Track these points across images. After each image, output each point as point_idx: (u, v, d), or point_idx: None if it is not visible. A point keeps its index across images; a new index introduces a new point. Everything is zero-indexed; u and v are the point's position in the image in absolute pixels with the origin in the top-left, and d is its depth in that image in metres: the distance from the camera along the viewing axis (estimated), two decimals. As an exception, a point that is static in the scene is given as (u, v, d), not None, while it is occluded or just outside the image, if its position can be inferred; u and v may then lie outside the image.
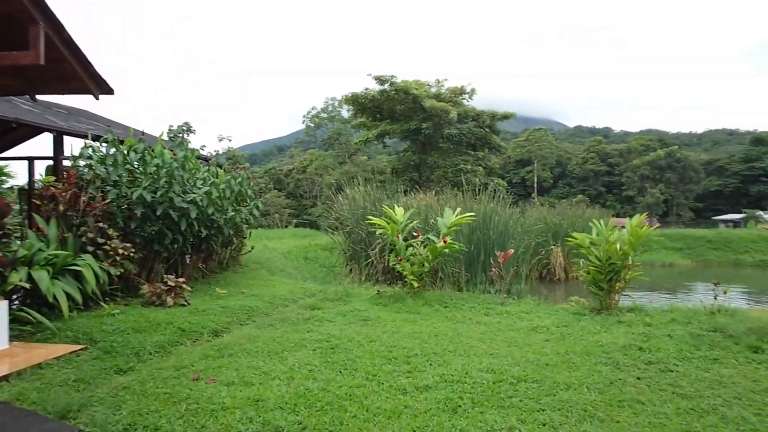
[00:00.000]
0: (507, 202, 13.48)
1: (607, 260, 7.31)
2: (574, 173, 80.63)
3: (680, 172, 66.40)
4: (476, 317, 7.06)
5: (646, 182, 66.64)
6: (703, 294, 16.91)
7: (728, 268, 24.68)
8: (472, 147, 30.46)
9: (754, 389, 4.17)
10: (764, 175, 70.26)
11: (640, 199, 65.44)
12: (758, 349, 5.25)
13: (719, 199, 71.92)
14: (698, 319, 6.51)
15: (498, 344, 5.59)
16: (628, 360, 4.94)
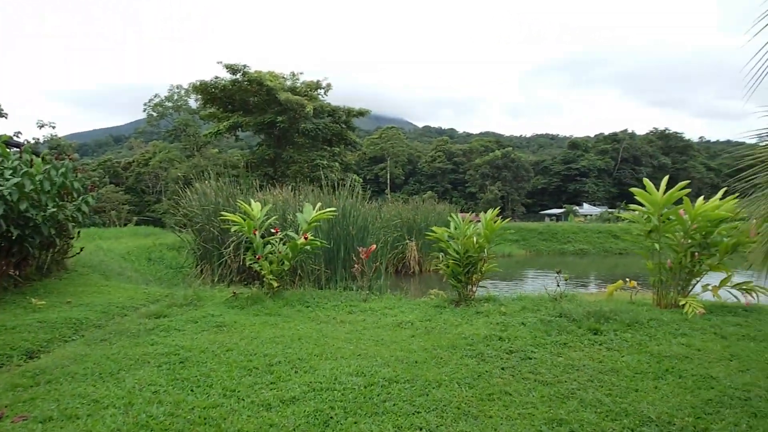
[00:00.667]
0: (366, 197, 13.48)
1: (465, 253, 7.53)
2: (423, 171, 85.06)
3: (514, 171, 73.67)
4: (340, 316, 6.80)
5: (486, 180, 72.74)
6: (534, 280, 18.63)
7: (555, 256, 27.81)
8: (328, 142, 30.28)
9: (601, 370, 4.46)
10: (579, 174, 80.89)
11: (481, 196, 71.24)
12: (597, 330, 5.73)
13: (545, 196, 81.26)
14: (545, 306, 6.98)
15: (365, 343, 5.37)
16: (491, 351, 5.03)
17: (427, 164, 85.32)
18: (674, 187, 7.03)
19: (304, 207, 8.67)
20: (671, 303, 7.16)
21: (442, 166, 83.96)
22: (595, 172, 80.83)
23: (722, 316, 6.56)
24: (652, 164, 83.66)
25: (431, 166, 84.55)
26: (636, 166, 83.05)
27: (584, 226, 32.29)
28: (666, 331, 5.77)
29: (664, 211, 7.20)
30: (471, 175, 77.81)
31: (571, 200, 74.05)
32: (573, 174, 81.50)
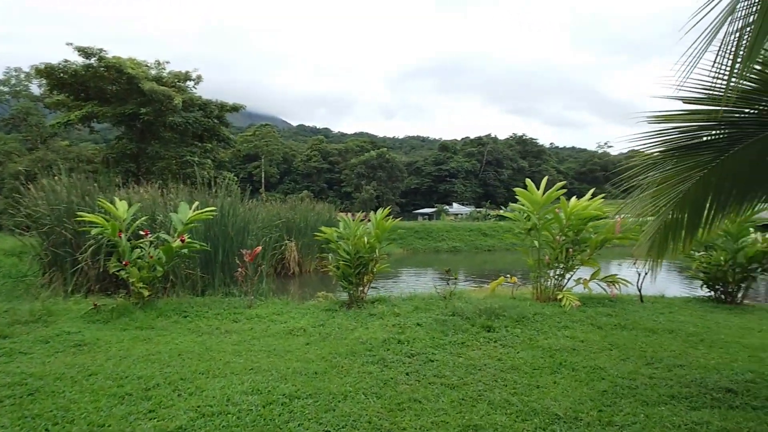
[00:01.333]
0: (245, 196, 12.70)
1: (356, 254, 7.31)
2: (299, 170, 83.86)
3: (389, 171, 75.53)
4: (225, 325, 6.20)
5: (362, 180, 73.65)
6: (416, 278, 19.06)
7: (431, 254, 28.85)
8: (199, 138, 28.33)
9: (502, 368, 4.48)
10: (448, 175, 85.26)
11: (357, 195, 71.98)
12: (490, 327, 5.82)
13: (418, 196, 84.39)
14: (437, 305, 7.00)
15: (257, 355, 4.90)
16: (393, 355, 4.85)
17: (302, 163, 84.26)
18: (553, 187, 7.45)
19: (179, 206, 7.86)
20: (550, 297, 7.59)
21: (318, 165, 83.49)
22: (463, 174, 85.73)
23: (594, 307, 7.07)
24: (512, 167, 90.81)
25: (307, 166, 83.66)
26: (498, 168, 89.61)
27: (456, 224, 33.97)
28: (551, 325, 6.05)
29: (543, 210, 7.59)
30: (347, 175, 78.31)
31: (441, 200, 77.76)
32: (443, 175, 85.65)
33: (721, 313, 6.95)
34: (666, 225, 4.06)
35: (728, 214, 3.96)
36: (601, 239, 7.48)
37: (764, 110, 3.58)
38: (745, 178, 3.77)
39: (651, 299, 7.90)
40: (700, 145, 3.82)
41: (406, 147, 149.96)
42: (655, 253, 4.15)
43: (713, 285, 7.82)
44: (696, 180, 3.84)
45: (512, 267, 22.50)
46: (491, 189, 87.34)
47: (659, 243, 4.12)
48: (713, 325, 6.19)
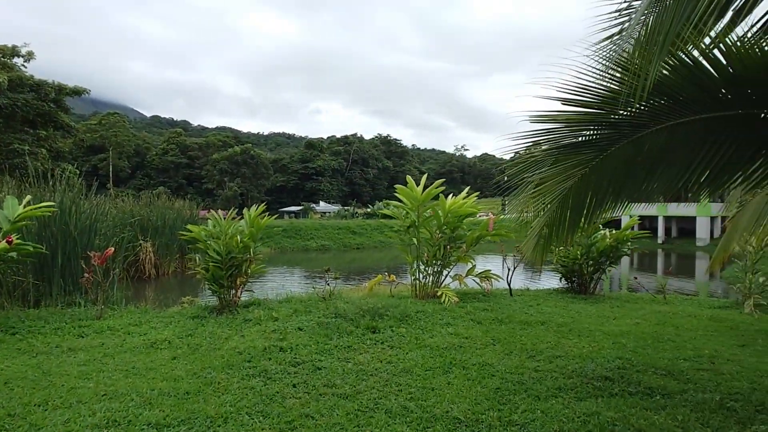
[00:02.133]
0: (90, 192, 11.15)
1: (228, 254, 6.67)
2: (153, 164, 77.39)
3: (254, 168, 72.86)
4: (67, 342, 5.23)
5: (224, 176, 70.13)
6: (288, 278, 18.46)
7: (299, 253, 28.28)
8: (30, 124, 24.67)
9: (394, 372, 4.28)
10: (315, 173, 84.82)
11: (219, 192, 68.41)
12: (375, 328, 5.63)
13: (284, 194, 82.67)
14: (317, 307, 6.65)
15: (112, 377, 4.15)
16: (276, 365, 4.41)
17: (157, 157, 77.84)
18: (432, 185, 7.49)
19: (5, 200, 6.54)
20: (428, 294, 7.63)
21: (176, 160, 77.74)
22: (330, 172, 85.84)
23: (471, 302, 7.24)
24: (377, 166, 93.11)
25: (163, 160, 77.46)
26: (364, 168, 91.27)
27: (325, 222, 33.74)
28: (434, 322, 6.02)
29: (423, 207, 7.61)
30: (208, 171, 73.98)
31: (308, 198, 77.09)
32: (310, 173, 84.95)
33: (579, 303, 7.52)
34: (550, 222, 4.16)
35: (605, 212, 4.16)
36: (476, 236, 7.70)
37: (636, 112, 3.80)
38: (621, 177, 3.98)
39: (518, 292, 8.34)
40: (583, 144, 3.96)
41: (271, 144, 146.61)
42: (540, 250, 4.24)
43: (570, 277, 8.48)
44: (578, 178, 3.98)
45: (382, 264, 22.89)
46: (357, 188, 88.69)
47: (545, 239, 4.21)
48: (576, 315, 6.65)
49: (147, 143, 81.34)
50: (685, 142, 3.76)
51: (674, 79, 3.51)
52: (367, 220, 36.45)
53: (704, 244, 30.15)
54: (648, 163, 3.88)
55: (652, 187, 3.93)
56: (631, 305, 7.52)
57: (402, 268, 22.19)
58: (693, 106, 3.61)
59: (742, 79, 3.32)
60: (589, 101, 3.84)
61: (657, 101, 3.66)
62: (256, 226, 6.96)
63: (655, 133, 3.74)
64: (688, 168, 3.79)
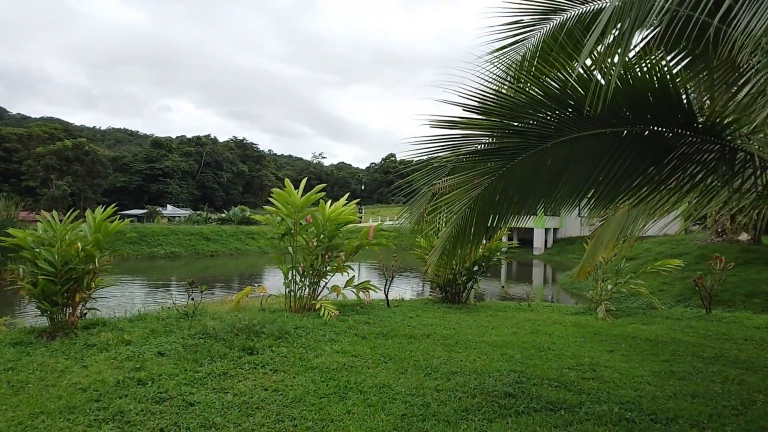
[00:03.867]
0: None
1: (64, 265, 5.48)
2: (-45, 155, 65.23)
3: (89, 165, 64.77)
4: None
5: (51, 173, 61.39)
6: (131, 291, 16.45)
7: (145, 260, 25.49)
8: None
9: (284, 403, 3.71)
10: (162, 175, 78.39)
11: (44, 191, 59.62)
12: (252, 349, 4.98)
13: (125, 195, 74.93)
14: (178, 326, 5.77)
15: None
16: (134, 404, 3.57)
17: (-38, 147, 65.83)
18: (312, 190, 7.00)
19: None
20: (304, 306, 7.09)
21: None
22: (179, 174, 79.93)
23: (351, 315, 6.86)
24: (232, 170, 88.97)
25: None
26: (218, 171, 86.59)
27: (175, 227, 30.96)
28: (316, 339, 5.53)
29: (300, 213, 7.06)
30: (30, 166, 64.19)
31: (153, 201, 70.84)
32: (156, 174, 78.27)
33: (456, 314, 7.55)
34: (455, 233, 3.95)
35: (509, 221, 4.06)
36: (356, 245, 7.35)
37: (542, 122, 3.75)
38: (526, 186, 3.91)
39: (394, 303, 8.16)
40: (491, 151, 3.82)
41: (109, 140, 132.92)
42: (446, 259, 4.01)
43: (444, 287, 8.53)
44: (485, 187, 3.82)
45: (238, 273, 21.63)
46: (210, 191, 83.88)
47: (448, 252, 3.99)
48: (457, 326, 6.61)
49: (-52, 130, 68.38)
50: (586, 155, 3.79)
51: (574, 92, 3.50)
52: (222, 226, 34.33)
53: (539, 253, 33.47)
54: (552, 173, 3.84)
55: (555, 198, 3.91)
56: (503, 314, 7.75)
57: (261, 276, 21.13)
58: (594, 120, 3.64)
59: (626, 97, 3.39)
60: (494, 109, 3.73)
61: (563, 112, 3.63)
62: (104, 231, 5.84)
63: (559, 144, 3.71)
64: (587, 180, 3.83)
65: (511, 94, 3.87)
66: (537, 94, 3.60)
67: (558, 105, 3.58)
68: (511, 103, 3.73)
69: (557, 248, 33.66)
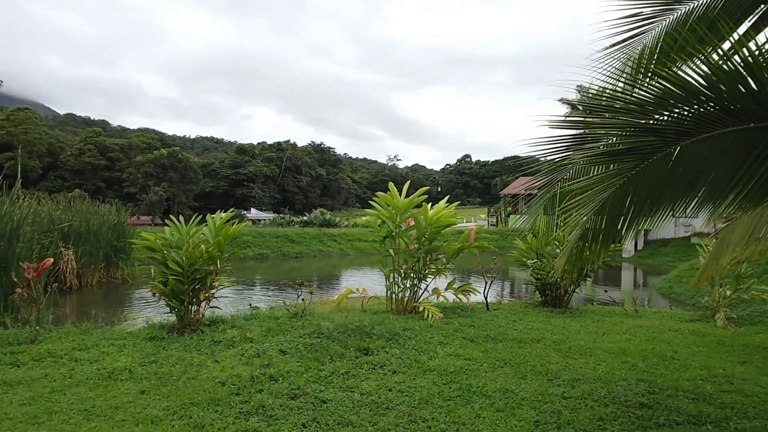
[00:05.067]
0: (13, 193, 9.83)
1: (190, 266, 5.88)
2: (68, 165, 71.80)
3: (182, 172, 69.26)
4: (1, 374, 4.28)
5: (149, 180, 66.19)
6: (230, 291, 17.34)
7: (236, 262, 26.84)
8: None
9: (411, 403, 3.77)
10: (246, 179, 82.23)
11: (143, 197, 64.46)
12: (367, 350, 5.09)
13: (212, 199, 79.30)
14: (292, 325, 6.02)
15: (69, 420, 3.35)
16: (271, 399, 3.76)
17: (73, 158, 72.22)
18: (415, 193, 7.06)
19: None
20: (406, 309, 7.16)
21: (94, 161, 72.45)
22: (262, 178, 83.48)
23: (454, 318, 6.85)
24: (310, 174, 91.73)
25: (79, 161, 71.95)
26: (297, 175, 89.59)
27: (262, 230, 32.34)
28: (426, 341, 5.56)
29: (403, 216, 7.14)
30: (131, 174, 69.58)
31: (238, 204, 74.43)
32: (241, 179, 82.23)
33: (560, 318, 7.32)
34: (583, 235, 3.84)
35: (640, 224, 3.89)
36: (457, 247, 7.34)
37: (679, 117, 3.56)
38: (660, 187, 3.73)
39: (493, 306, 8.05)
40: (623, 151, 3.68)
41: (198, 148, 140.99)
42: (572, 264, 3.91)
43: (544, 290, 8.30)
44: (616, 188, 3.68)
45: (323, 274, 22.18)
46: (290, 195, 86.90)
47: (576, 253, 3.88)
48: (564, 331, 6.41)
49: (61, 142, 75.45)
50: (730, 153, 3.55)
51: (720, 85, 3.29)
52: (305, 229, 35.45)
53: (629, 256, 31.77)
54: (690, 173, 3.64)
55: (695, 198, 3.69)
56: (610, 319, 7.43)
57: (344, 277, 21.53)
58: (741, 115, 3.40)
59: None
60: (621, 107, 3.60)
61: (704, 107, 3.43)
62: (224, 234, 6.21)
63: (699, 142, 3.51)
64: (731, 180, 3.59)
65: (642, 90, 3.71)
66: (670, 88, 3.43)
67: (698, 99, 3.39)
68: (641, 100, 3.58)
69: (648, 250, 31.78)
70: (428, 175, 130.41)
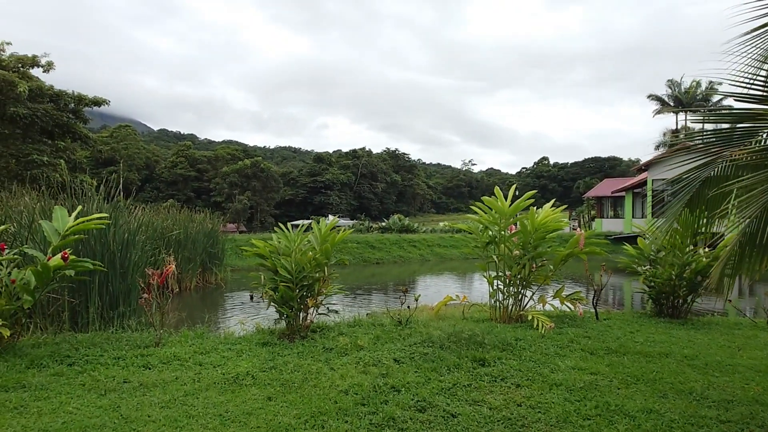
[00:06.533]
0: (128, 203, 10.51)
1: (299, 273, 5.95)
2: (162, 177, 77.05)
3: (264, 181, 72.30)
4: (135, 376, 4.49)
5: (234, 189, 69.56)
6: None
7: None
8: (49, 134, 24.05)
9: (548, 422, 3.53)
10: (324, 187, 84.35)
11: (229, 205, 67.78)
12: (483, 361, 4.89)
13: (292, 207, 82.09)
14: (398, 333, 5.93)
15: (207, 425, 3.41)
16: (399, 410, 3.66)
17: (166, 170, 77.50)
18: (522, 197, 6.78)
19: (54, 212, 5.87)
20: (511, 317, 6.88)
21: (185, 173, 77.34)
22: (339, 186, 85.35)
23: (566, 328, 6.48)
24: (386, 180, 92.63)
25: (172, 173, 77.09)
26: (373, 181, 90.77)
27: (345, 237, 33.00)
28: (542, 353, 5.27)
29: (509, 221, 6.88)
30: (218, 184, 73.52)
31: (316, 211, 76.40)
32: (318, 186, 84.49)
33: (681, 330, 6.74)
34: (744, 240, 3.44)
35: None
36: (566, 253, 6.96)
37: None
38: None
39: (603, 315, 7.56)
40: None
41: (277, 157, 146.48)
42: (730, 274, 3.51)
43: (659, 299, 7.70)
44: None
45: (403, 279, 22.06)
46: (366, 201, 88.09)
47: (735, 260, 3.48)
48: (691, 344, 5.87)
49: (156, 156, 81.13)
50: None
51: None
52: (385, 235, 35.65)
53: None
54: None
55: None
56: (739, 332, 6.74)
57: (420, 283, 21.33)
58: None
59: None
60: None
61: None
62: (332, 240, 6.25)
63: None
64: None
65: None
66: None
67: None
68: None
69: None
70: (504, 179, 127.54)
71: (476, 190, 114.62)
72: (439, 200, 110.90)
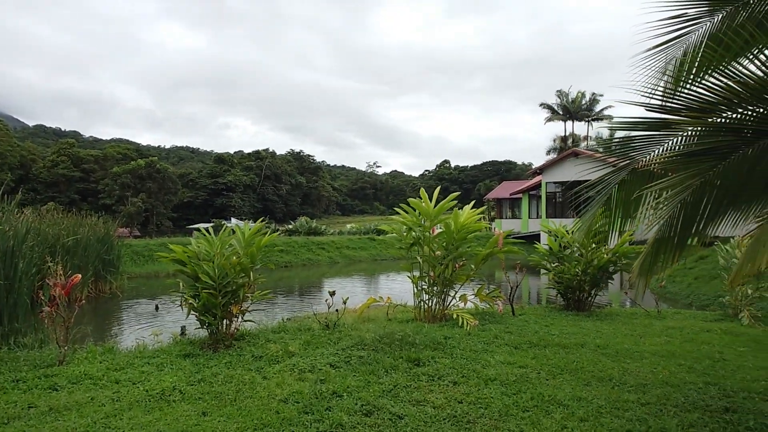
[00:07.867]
0: (13, 207, 9.43)
1: (222, 278, 5.65)
2: (40, 177, 69.88)
3: (160, 182, 67.99)
4: (43, 400, 4.00)
5: (127, 191, 64.81)
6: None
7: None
8: None
9: (490, 416, 3.63)
10: (225, 189, 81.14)
11: (120, 208, 62.95)
12: (418, 361, 4.95)
13: (191, 210, 78.03)
14: (327, 337, 5.85)
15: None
16: (345, 416, 3.58)
17: (45, 170, 70.34)
18: (446, 198, 6.96)
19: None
20: (436, 316, 7.04)
21: (68, 173, 70.64)
22: (241, 188, 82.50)
23: (488, 324, 6.74)
24: (290, 182, 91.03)
25: (52, 173, 70.08)
26: (277, 183, 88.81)
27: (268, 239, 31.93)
28: (471, 350, 5.44)
29: (433, 222, 7.03)
30: (107, 185, 68.05)
31: (218, 214, 73.29)
32: (220, 188, 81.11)
33: (588, 321, 7.27)
34: (657, 240, 3.77)
35: (714, 227, 3.84)
36: (486, 253, 7.24)
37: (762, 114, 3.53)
38: (737, 188, 3.69)
39: (518, 311, 7.96)
40: (703, 152, 3.63)
41: (173, 158, 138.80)
42: (646, 270, 3.83)
43: (566, 294, 8.27)
44: (692, 190, 3.63)
45: (313, 282, 21.85)
46: (270, 203, 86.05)
47: (650, 258, 3.81)
48: (599, 335, 6.35)
49: (33, 154, 73.42)
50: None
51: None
52: (292, 237, 35.04)
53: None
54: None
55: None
56: (637, 321, 7.42)
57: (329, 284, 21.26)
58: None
59: None
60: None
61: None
62: (257, 244, 6.00)
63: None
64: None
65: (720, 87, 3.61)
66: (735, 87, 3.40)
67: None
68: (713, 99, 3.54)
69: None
70: (408, 181, 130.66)
71: (381, 192, 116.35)
72: (345, 202, 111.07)
